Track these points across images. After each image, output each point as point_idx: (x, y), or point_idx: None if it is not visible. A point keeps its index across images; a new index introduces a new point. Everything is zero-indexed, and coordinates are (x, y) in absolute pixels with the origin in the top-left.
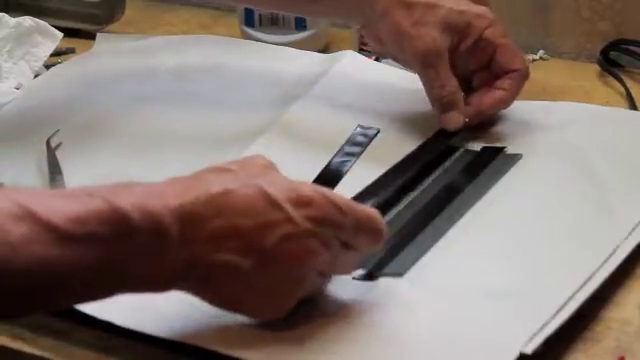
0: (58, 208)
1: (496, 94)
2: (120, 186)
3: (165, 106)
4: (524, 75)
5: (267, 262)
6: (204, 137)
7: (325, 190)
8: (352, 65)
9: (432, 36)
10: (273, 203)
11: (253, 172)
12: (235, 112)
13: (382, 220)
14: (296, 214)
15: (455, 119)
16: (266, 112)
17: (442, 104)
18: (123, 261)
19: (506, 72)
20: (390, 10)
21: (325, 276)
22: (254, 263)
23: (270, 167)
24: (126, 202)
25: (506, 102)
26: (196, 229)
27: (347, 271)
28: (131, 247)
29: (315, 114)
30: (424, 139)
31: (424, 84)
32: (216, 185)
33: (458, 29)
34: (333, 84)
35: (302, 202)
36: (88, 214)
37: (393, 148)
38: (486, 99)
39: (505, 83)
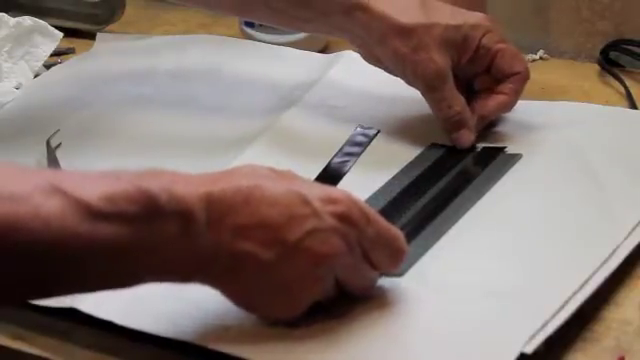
0: (88, 187)
1: (498, 99)
2: (147, 172)
3: (163, 107)
4: (525, 77)
5: (288, 256)
6: (203, 138)
7: (355, 197)
8: (351, 66)
9: (433, 60)
10: (302, 198)
11: (284, 176)
12: (233, 114)
13: (405, 243)
14: (322, 209)
15: (465, 137)
16: (264, 114)
17: (451, 124)
18: (150, 243)
19: (507, 76)
20: (387, 37)
21: (341, 286)
22: (275, 256)
23: (301, 180)
24: (154, 185)
25: (509, 106)
26: (223, 217)
27: (364, 286)
28: (158, 229)
29: (314, 115)
30: (423, 139)
31: (431, 106)
32: (246, 179)
33: (456, 44)
34: (332, 85)
35: (329, 199)
36: (117, 193)
37: (393, 148)
38: (489, 104)
39: (507, 87)
